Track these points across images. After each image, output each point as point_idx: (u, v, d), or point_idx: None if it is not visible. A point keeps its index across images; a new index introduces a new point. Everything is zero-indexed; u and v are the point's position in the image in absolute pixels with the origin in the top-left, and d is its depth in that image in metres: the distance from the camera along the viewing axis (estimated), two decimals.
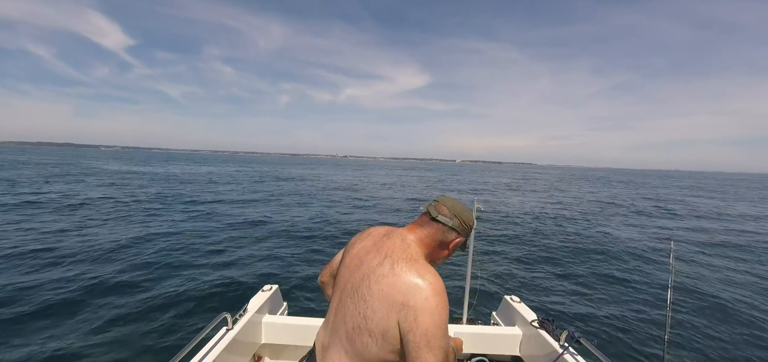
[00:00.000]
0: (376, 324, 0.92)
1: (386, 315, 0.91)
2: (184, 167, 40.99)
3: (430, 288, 0.91)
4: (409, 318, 0.88)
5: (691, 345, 3.61)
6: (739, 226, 11.28)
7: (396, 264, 0.96)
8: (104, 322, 3.79)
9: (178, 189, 16.81)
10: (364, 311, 0.94)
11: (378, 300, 0.93)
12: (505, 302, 2.50)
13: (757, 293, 4.86)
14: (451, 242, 1.09)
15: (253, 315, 2.11)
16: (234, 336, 1.87)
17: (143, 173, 27.32)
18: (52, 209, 10.22)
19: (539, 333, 2.03)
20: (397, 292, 0.91)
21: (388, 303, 0.91)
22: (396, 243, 1.03)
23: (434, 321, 0.88)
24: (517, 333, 2.23)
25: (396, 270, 0.94)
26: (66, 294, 4.39)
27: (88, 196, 13.23)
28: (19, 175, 20.66)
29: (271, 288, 2.47)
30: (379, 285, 0.94)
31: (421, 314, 0.88)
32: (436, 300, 0.90)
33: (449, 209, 1.09)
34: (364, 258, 1.04)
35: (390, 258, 0.98)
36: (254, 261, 6.00)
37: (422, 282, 0.92)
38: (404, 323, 0.89)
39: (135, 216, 9.52)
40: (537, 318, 2.13)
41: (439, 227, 1.08)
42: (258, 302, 2.25)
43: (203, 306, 4.26)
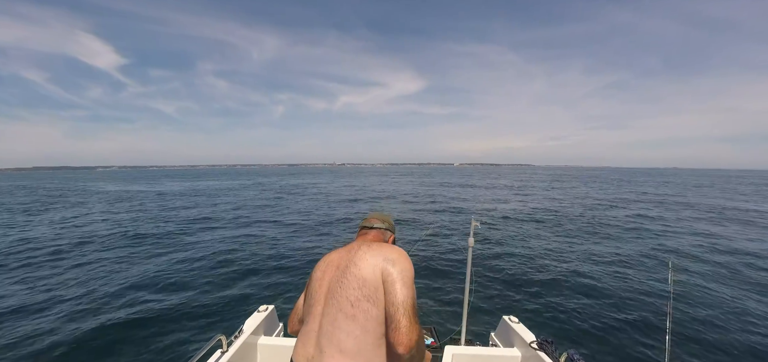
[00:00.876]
0: (370, 285, 1.14)
1: (373, 272, 1.16)
2: (179, 183, 40.86)
3: (399, 250, 1.24)
4: (388, 265, 1.17)
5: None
6: (738, 227, 11.31)
7: (371, 246, 1.26)
8: (97, 344, 3.75)
9: (171, 207, 16.70)
10: (359, 281, 1.15)
11: (367, 267, 1.17)
12: (504, 322, 2.43)
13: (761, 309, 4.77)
14: (389, 239, 1.46)
15: (248, 337, 2.07)
16: (229, 358, 1.83)
17: (137, 193, 27.19)
18: (44, 232, 10.12)
19: (538, 354, 1.97)
20: (378, 254, 1.21)
21: (373, 263, 1.18)
22: (359, 243, 1.31)
23: (407, 267, 1.18)
24: (516, 354, 2.16)
25: (372, 247, 1.24)
26: (57, 314, 4.36)
27: (80, 218, 13.12)
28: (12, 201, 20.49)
29: (266, 308, 2.43)
30: (364, 258, 1.20)
31: (399, 260, 1.19)
32: (405, 256, 1.23)
33: (378, 218, 1.48)
34: (338, 261, 1.28)
35: (364, 245, 1.27)
36: (249, 281, 5.90)
37: (393, 248, 1.25)
38: (385, 270, 1.16)
39: (127, 237, 9.41)
40: (536, 340, 2.07)
41: (378, 231, 1.44)
42: (253, 323, 2.21)
43: (197, 328, 4.21)
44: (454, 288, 5.37)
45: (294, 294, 5.33)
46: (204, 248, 8.19)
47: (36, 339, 3.85)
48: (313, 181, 43.12)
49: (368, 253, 1.21)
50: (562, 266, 6.51)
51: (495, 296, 5.13)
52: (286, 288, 5.62)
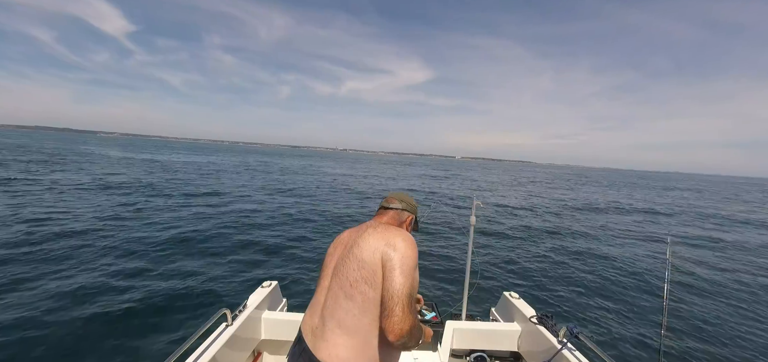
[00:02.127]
0: (368, 267, 1.13)
1: (373, 255, 1.14)
2: (183, 156, 40.77)
3: (404, 236, 1.19)
4: (389, 250, 1.14)
5: (688, 340, 3.60)
6: (735, 227, 11.30)
7: (377, 228, 1.24)
8: (104, 318, 3.74)
9: (176, 181, 16.61)
10: (359, 263, 1.15)
11: (367, 249, 1.16)
12: (504, 298, 2.47)
13: (753, 288, 4.85)
14: (406, 220, 1.42)
15: (252, 311, 2.10)
16: (233, 331, 1.86)
17: (141, 161, 27.20)
18: (46, 196, 10.16)
19: (538, 328, 2.01)
20: (382, 238, 1.18)
21: (374, 246, 1.16)
22: (370, 224, 1.31)
23: (408, 252, 1.14)
24: (516, 328, 2.21)
25: (377, 231, 1.22)
26: (66, 288, 4.29)
27: (83, 185, 13.14)
28: (16, 159, 20.58)
29: (270, 284, 2.46)
30: (367, 240, 1.19)
31: (399, 248, 1.14)
32: (410, 242, 1.18)
33: (397, 198, 1.44)
34: (346, 240, 1.28)
35: (371, 228, 1.25)
36: (254, 257, 5.91)
37: (399, 233, 1.21)
38: (385, 255, 1.13)
39: (131, 210, 9.27)
40: (536, 314, 2.11)
41: (395, 212, 1.41)
42: (257, 298, 2.25)
43: (203, 302, 4.21)
44: (456, 264, 5.42)
45: (296, 271, 5.34)
46: (209, 225, 8.17)
47: (40, 318, 3.77)
48: (323, 164, 43.00)
49: (372, 236, 1.20)
50: (562, 245, 6.60)
51: (496, 273, 5.18)
52: (289, 264, 5.66)
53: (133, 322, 3.71)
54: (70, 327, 3.56)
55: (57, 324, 3.59)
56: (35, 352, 3.13)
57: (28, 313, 3.70)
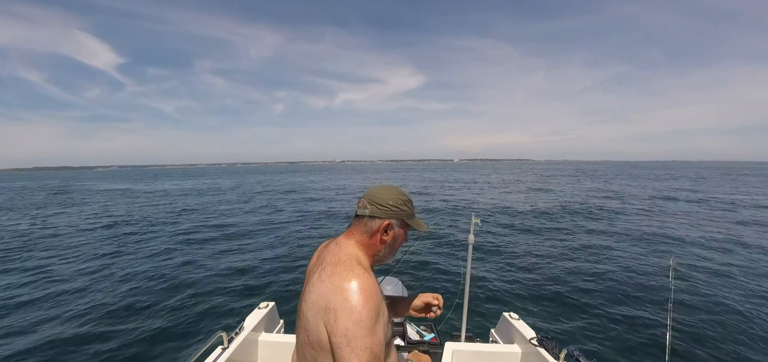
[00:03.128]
0: (313, 335, 0.94)
1: (316, 323, 0.93)
2: (179, 182, 40.89)
3: (351, 287, 0.91)
4: (331, 320, 0.89)
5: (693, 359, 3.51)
6: (742, 220, 11.29)
7: (323, 271, 0.98)
8: (97, 343, 3.75)
9: (171, 205, 16.71)
10: (305, 324, 0.97)
11: (310, 310, 0.95)
12: (504, 319, 2.42)
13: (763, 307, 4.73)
14: (378, 229, 1.07)
15: (249, 334, 2.06)
16: (229, 355, 1.83)
17: (137, 192, 27.18)
18: (43, 234, 10.12)
19: (538, 351, 1.96)
20: (322, 297, 0.93)
21: (316, 311, 0.94)
22: (330, 250, 1.07)
23: (353, 319, 0.87)
24: (516, 350, 2.16)
25: (322, 276, 0.97)
26: (58, 313, 4.36)
27: (80, 217, 13.12)
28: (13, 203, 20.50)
29: (267, 305, 2.42)
30: (310, 295, 0.97)
31: (341, 313, 0.88)
32: (357, 298, 0.90)
33: (367, 200, 1.10)
34: (309, 275, 1.08)
35: (321, 267, 1.01)
36: (250, 278, 5.89)
37: (344, 282, 0.93)
38: (328, 326, 0.90)
39: (126, 235, 9.39)
40: (536, 336, 2.06)
41: (362, 220, 1.09)
42: (254, 320, 2.20)
43: (198, 325, 4.22)
44: (454, 284, 5.37)
45: (293, 292, 5.31)
46: (205, 246, 8.19)
47: (29, 340, 3.83)
48: (319, 179, 43.06)
49: (317, 284, 0.97)
50: (563, 263, 6.51)
51: (495, 292, 5.13)
52: (286, 285, 5.62)
53: (125, 346, 3.70)
54: (66, 353, 3.54)
55: (46, 347, 3.60)
56: None
57: (28, 341, 3.66)
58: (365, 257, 1.08)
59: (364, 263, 1.05)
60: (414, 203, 1.18)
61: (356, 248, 1.07)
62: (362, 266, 1.01)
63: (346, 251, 1.04)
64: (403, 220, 1.12)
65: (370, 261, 1.09)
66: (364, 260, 1.06)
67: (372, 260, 1.10)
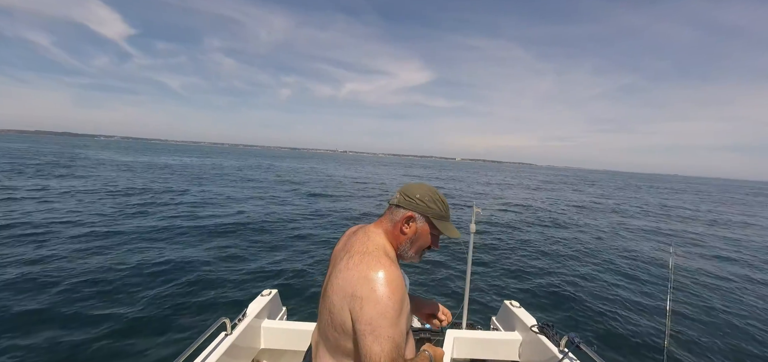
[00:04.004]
0: (337, 317, 0.97)
1: (341, 307, 0.95)
2: (183, 159, 40.73)
3: (378, 278, 0.93)
4: (356, 307, 0.91)
5: (691, 352, 3.56)
6: (738, 233, 11.29)
7: (351, 258, 0.99)
8: (99, 327, 3.67)
9: (175, 185, 16.40)
10: (330, 307, 0.99)
11: (336, 295, 0.97)
12: (505, 307, 2.46)
13: (759, 299, 4.82)
14: (400, 219, 1.08)
15: (252, 320, 2.09)
16: (233, 341, 1.85)
17: (141, 165, 27.17)
18: (41, 202, 10.13)
19: (539, 338, 2.01)
20: (349, 284, 0.95)
21: (342, 296, 0.95)
22: (359, 238, 1.07)
23: (379, 310, 0.89)
24: (517, 338, 2.20)
25: (350, 264, 0.98)
26: (58, 298, 4.20)
27: (80, 189, 13.09)
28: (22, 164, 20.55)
29: (270, 292, 2.45)
30: (337, 279, 0.98)
31: (367, 303, 0.90)
32: (384, 289, 0.91)
33: (401, 192, 1.12)
34: (336, 258, 1.10)
35: (349, 253, 1.02)
36: (253, 265, 5.81)
37: (371, 272, 0.94)
38: (353, 313, 0.92)
39: (127, 215, 9.06)
40: (537, 323, 2.11)
41: (392, 208, 1.11)
42: (257, 306, 2.23)
43: (201, 311, 4.15)
44: (456, 273, 5.41)
45: (296, 280, 5.29)
46: (208, 232, 8.04)
47: (29, 329, 3.66)
48: (323, 167, 42.90)
49: (345, 270, 0.98)
50: (563, 252, 6.58)
51: (496, 281, 5.17)
52: (289, 272, 5.58)
53: (128, 332, 3.66)
54: (65, 338, 3.48)
55: (50, 336, 3.53)
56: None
57: (18, 326, 3.65)
58: (391, 249, 1.08)
59: (391, 255, 1.06)
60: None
61: (383, 238, 1.08)
62: (389, 258, 1.01)
63: (374, 241, 1.05)
64: (429, 219, 1.10)
65: (396, 253, 1.10)
66: (391, 252, 1.07)
67: (396, 251, 1.10)
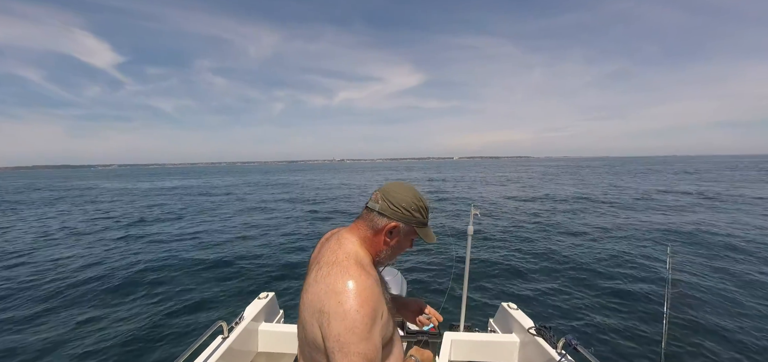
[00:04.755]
0: (309, 334, 0.92)
1: (311, 324, 0.90)
2: (179, 181, 40.86)
3: (346, 290, 0.86)
4: (324, 323, 0.86)
5: (689, 354, 3.52)
6: (737, 216, 11.31)
7: (320, 270, 0.94)
8: (97, 332, 3.78)
9: (171, 201, 16.73)
10: (303, 323, 0.95)
11: (306, 310, 0.92)
12: (502, 309, 2.45)
13: (761, 296, 4.76)
14: (383, 228, 1.00)
15: (248, 323, 2.09)
16: (229, 344, 1.85)
17: (136, 190, 27.17)
18: (43, 227, 10.14)
19: (536, 340, 1.99)
20: (317, 299, 0.89)
21: (311, 312, 0.90)
22: (330, 246, 1.01)
23: (346, 325, 0.83)
24: (514, 340, 2.19)
25: (318, 277, 0.92)
26: (56, 303, 4.41)
27: (80, 213, 13.13)
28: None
29: (267, 295, 2.44)
30: (307, 294, 0.94)
31: (334, 319, 0.84)
32: (351, 302, 0.85)
33: (381, 194, 1.02)
34: (310, 268, 1.04)
35: (318, 264, 0.96)
36: (250, 269, 5.96)
37: (338, 284, 0.88)
38: (321, 329, 0.87)
39: (127, 228, 9.47)
40: (534, 326, 2.09)
41: (370, 214, 1.02)
42: (254, 310, 2.23)
43: (198, 315, 4.24)
44: (454, 274, 5.40)
45: (293, 283, 5.36)
46: (205, 238, 8.19)
47: (31, 329, 3.87)
48: (318, 178, 43.05)
49: (312, 286, 0.92)
50: (560, 253, 6.57)
51: (494, 283, 5.18)
52: (286, 276, 5.68)
53: (125, 336, 3.72)
54: (63, 342, 3.56)
55: (48, 339, 3.62)
56: None
57: (22, 337, 3.69)
58: (366, 255, 1.01)
59: (364, 262, 0.98)
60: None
61: (357, 245, 1.01)
62: (360, 266, 0.94)
63: (345, 249, 0.97)
64: (412, 227, 1.03)
65: (371, 259, 1.03)
66: (365, 259, 0.99)
67: (373, 258, 1.04)
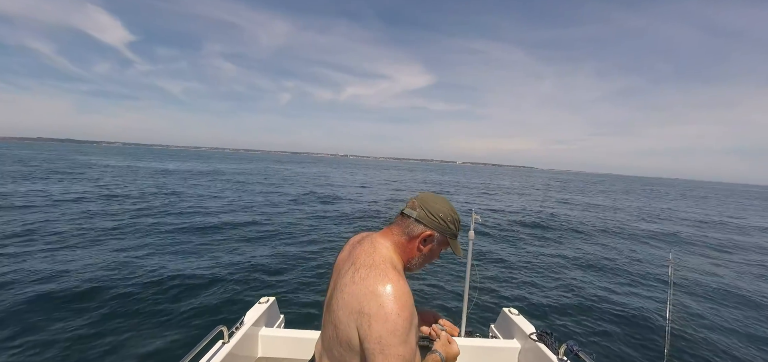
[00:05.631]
0: (343, 333, 0.93)
1: (348, 324, 0.91)
2: (183, 165, 40.66)
3: (386, 294, 0.88)
4: (364, 325, 0.87)
5: (692, 360, 3.54)
6: (738, 237, 11.25)
7: (357, 272, 0.95)
8: (95, 335, 3.67)
9: (173, 191, 16.31)
10: (335, 322, 0.95)
11: (342, 310, 0.93)
12: (504, 314, 2.48)
13: (761, 307, 4.79)
14: (419, 235, 1.03)
15: (249, 328, 2.10)
16: (230, 349, 1.86)
17: (142, 171, 27.19)
18: (39, 206, 10.17)
19: (538, 346, 2.01)
20: (355, 300, 0.90)
21: (348, 312, 0.91)
22: (365, 249, 1.01)
23: (388, 328, 0.85)
24: (516, 345, 2.21)
25: (356, 278, 0.93)
26: (54, 305, 4.19)
27: (81, 194, 13.08)
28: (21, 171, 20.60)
29: (267, 299, 2.46)
30: (343, 294, 0.94)
31: (375, 320, 0.86)
32: (392, 306, 0.87)
33: (419, 203, 1.05)
34: (340, 269, 1.05)
35: (354, 266, 0.97)
36: (251, 273, 5.76)
37: (379, 287, 0.90)
38: (361, 330, 0.88)
39: (123, 222, 8.97)
40: (536, 331, 2.11)
41: (406, 220, 1.05)
42: (254, 314, 2.24)
43: (199, 319, 4.14)
44: (455, 280, 5.43)
45: (294, 287, 5.26)
46: (206, 239, 8.06)
47: (28, 327, 3.74)
48: (323, 171, 42.90)
49: (351, 284, 0.94)
50: (562, 259, 6.57)
51: (495, 288, 5.18)
52: (287, 280, 5.55)
53: (125, 340, 3.66)
54: (61, 346, 3.47)
55: (45, 341, 3.53)
56: None
57: (18, 333, 3.65)
58: (399, 261, 1.03)
59: (399, 268, 1.00)
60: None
61: (392, 250, 1.03)
62: (397, 271, 0.96)
63: (381, 253, 0.99)
64: (445, 237, 1.07)
65: (403, 265, 1.05)
66: (399, 264, 1.02)
67: (405, 264, 1.06)
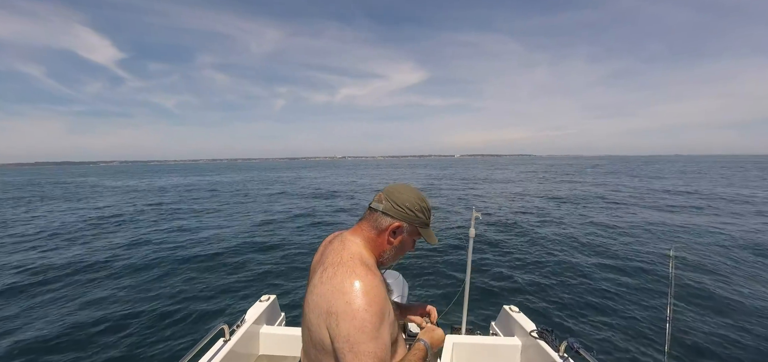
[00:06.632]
0: (315, 336, 0.92)
1: (318, 325, 0.90)
2: (180, 178, 40.89)
3: (354, 290, 0.87)
4: (332, 324, 0.86)
5: (693, 357, 3.49)
6: (741, 217, 11.27)
7: (325, 271, 0.94)
8: (98, 334, 3.80)
9: (172, 200, 16.76)
10: (308, 325, 0.95)
11: (312, 312, 0.92)
12: (504, 311, 2.45)
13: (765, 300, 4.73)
14: (387, 228, 1.02)
15: (250, 326, 2.10)
16: (231, 347, 1.86)
17: (138, 187, 27.23)
18: (46, 224, 10.19)
19: (538, 343, 1.99)
20: (324, 300, 0.89)
21: (318, 313, 0.90)
22: (334, 247, 1.01)
23: (355, 325, 0.84)
24: (517, 343, 2.19)
25: (324, 278, 0.93)
26: (57, 306, 4.42)
27: (81, 210, 13.19)
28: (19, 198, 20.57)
29: (268, 297, 2.46)
30: (312, 296, 0.94)
31: (342, 319, 0.85)
32: (360, 302, 0.85)
33: (385, 195, 1.05)
34: (313, 271, 1.05)
35: (323, 266, 0.97)
36: (252, 271, 5.96)
37: (346, 284, 0.88)
38: (330, 330, 0.87)
39: (128, 228, 9.52)
40: (536, 329, 2.09)
41: (374, 214, 1.04)
42: (255, 312, 2.24)
43: (200, 317, 4.26)
44: (455, 278, 5.43)
45: (295, 285, 5.37)
46: (207, 239, 8.24)
47: (29, 330, 3.90)
48: (320, 174, 43.06)
49: (318, 287, 0.92)
50: (563, 255, 6.55)
51: (496, 286, 5.17)
52: (288, 278, 5.67)
53: (126, 338, 3.75)
54: (62, 346, 3.59)
55: (45, 342, 3.64)
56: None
57: (25, 332, 3.72)
58: (370, 256, 1.02)
59: (369, 263, 0.99)
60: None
61: (361, 246, 1.02)
62: (366, 266, 0.95)
63: (350, 250, 0.99)
64: (415, 227, 1.06)
65: (375, 260, 1.04)
66: (369, 259, 1.01)
67: (377, 259, 1.05)
